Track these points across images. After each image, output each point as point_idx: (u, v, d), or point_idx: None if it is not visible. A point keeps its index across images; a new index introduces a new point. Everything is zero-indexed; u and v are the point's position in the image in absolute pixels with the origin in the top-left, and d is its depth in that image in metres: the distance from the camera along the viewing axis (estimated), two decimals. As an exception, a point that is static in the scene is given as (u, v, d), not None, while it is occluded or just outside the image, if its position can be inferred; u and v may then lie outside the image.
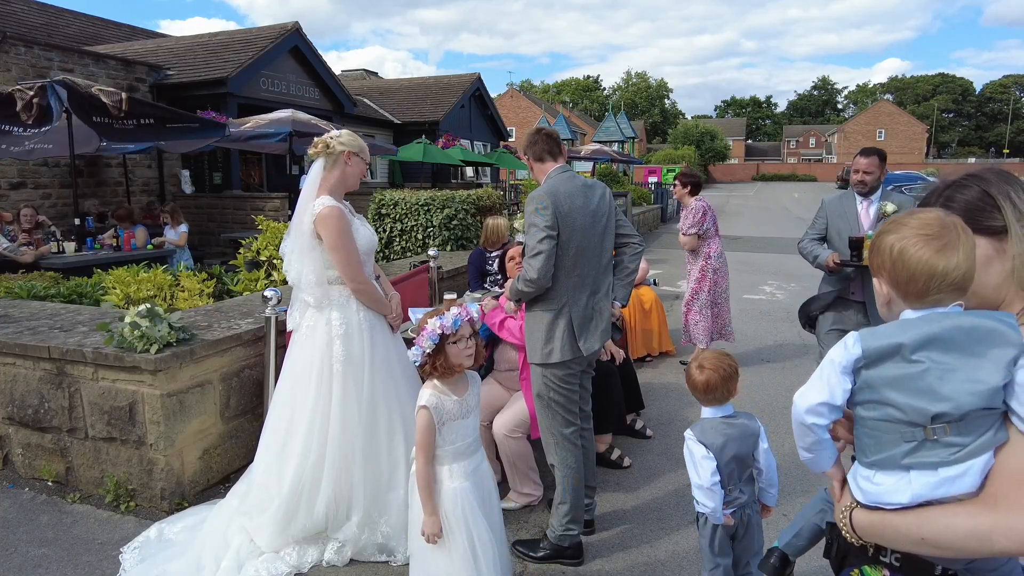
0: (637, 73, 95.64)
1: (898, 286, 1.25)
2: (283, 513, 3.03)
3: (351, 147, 3.11)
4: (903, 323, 1.23)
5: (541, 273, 2.85)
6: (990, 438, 1.15)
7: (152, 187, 12.94)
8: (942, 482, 1.17)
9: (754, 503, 2.39)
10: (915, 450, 1.19)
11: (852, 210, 4.26)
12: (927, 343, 1.17)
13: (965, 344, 1.15)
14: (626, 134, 25.94)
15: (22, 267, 6.93)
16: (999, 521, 1.10)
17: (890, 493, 1.22)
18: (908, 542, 1.22)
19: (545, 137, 3.09)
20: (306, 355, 3.10)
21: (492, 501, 2.52)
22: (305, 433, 3.05)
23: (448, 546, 2.32)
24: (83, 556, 3.11)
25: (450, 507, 2.33)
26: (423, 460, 2.32)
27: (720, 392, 2.30)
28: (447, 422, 2.35)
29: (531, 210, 2.91)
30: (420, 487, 2.32)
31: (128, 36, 17.79)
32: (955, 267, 1.18)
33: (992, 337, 1.14)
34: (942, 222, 1.22)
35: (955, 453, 1.16)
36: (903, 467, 1.21)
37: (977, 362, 1.14)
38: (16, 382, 3.77)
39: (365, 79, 29.47)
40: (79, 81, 7.94)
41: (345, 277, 3.05)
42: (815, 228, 4.42)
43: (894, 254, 1.23)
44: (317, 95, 16.31)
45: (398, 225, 7.38)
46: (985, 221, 1.28)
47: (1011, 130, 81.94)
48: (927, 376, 1.16)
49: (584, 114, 69.76)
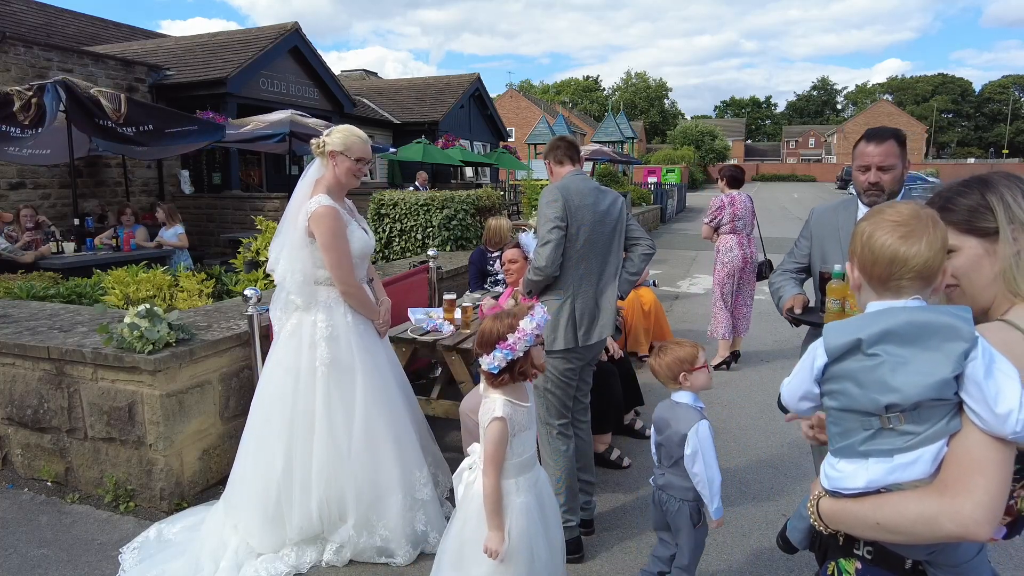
0: (637, 73, 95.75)
1: (864, 270, 1.31)
2: (270, 515, 3.01)
3: (334, 145, 3.05)
4: (863, 318, 1.29)
5: (549, 261, 2.99)
6: (943, 427, 1.20)
7: (151, 187, 12.94)
8: (895, 468, 1.23)
9: (684, 499, 2.50)
10: (872, 438, 1.25)
11: (850, 223, 2.71)
12: (882, 337, 1.23)
13: (919, 338, 1.21)
14: (625, 134, 25.89)
15: (21, 267, 6.93)
16: (945, 505, 1.15)
17: (848, 478, 1.29)
18: (865, 527, 1.27)
19: (567, 144, 3.28)
20: (290, 356, 3.06)
21: (554, 517, 2.39)
22: (288, 435, 3.02)
23: (506, 563, 2.17)
24: (82, 556, 3.11)
25: (515, 523, 2.19)
26: (495, 474, 2.17)
27: (663, 377, 2.58)
28: (517, 433, 2.22)
29: (544, 203, 3.08)
30: (490, 502, 2.16)
31: (127, 36, 17.78)
32: (915, 254, 1.24)
33: (944, 331, 1.19)
34: (914, 213, 1.28)
35: (909, 440, 1.22)
36: (861, 454, 1.27)
37: (929, 355, 1.19)
38: (15, 382, 3.77)
39: (365, 79, 29.48)
40: (79, 82, 7.95)
41: (335, 279, 3.04)
42: (794, 256, 2.97)
43: (864, 238, 1.31)
44: (316, 95, 16.32)
45: (397, 225, 7.38)
46: (978, 222, 1.31)
47: (1010, 130, 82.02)
48: (881, 368, 1.22)
49: (584, 114, 69.78)
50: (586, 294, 3.09)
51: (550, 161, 3.29)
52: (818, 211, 2.94)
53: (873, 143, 2.59)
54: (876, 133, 2.62)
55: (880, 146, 2.58)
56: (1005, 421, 1.12)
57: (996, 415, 1.13)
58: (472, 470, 2.31)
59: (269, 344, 3.67)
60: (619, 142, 25.21)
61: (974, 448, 1.17)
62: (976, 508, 1.13)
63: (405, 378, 3.47)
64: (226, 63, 13.62)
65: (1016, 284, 1.28)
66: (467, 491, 2.28)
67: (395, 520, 3.03)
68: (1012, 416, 1.12)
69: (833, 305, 2.39)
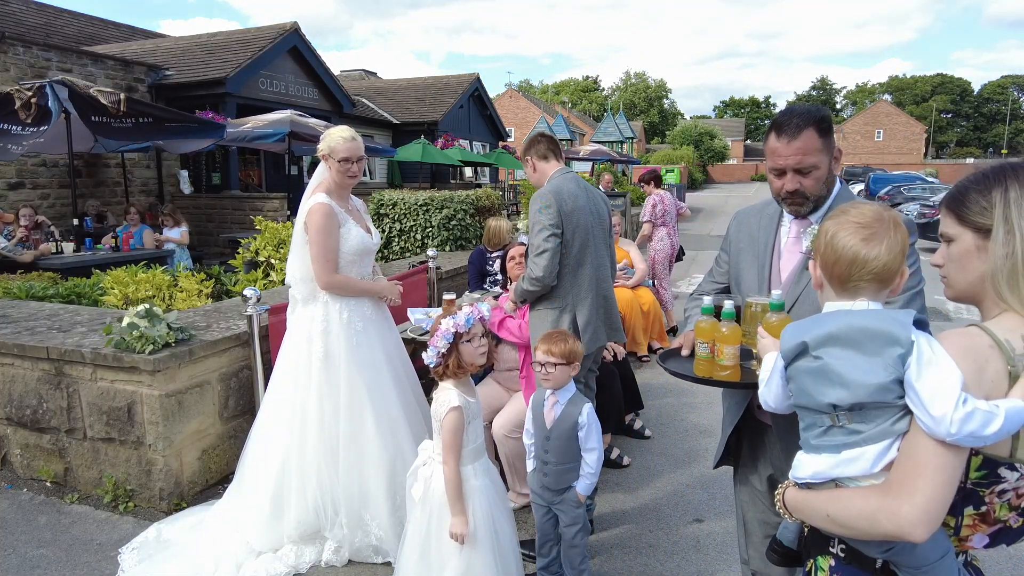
0: (636, 73, 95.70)
1: (826, 268, 1.36)
2: (268, 508, 3.04)
3: (322, 149, 3.17)
4: (812, 320, 1.35)
5: (547, 271, 2.92)
6: (886, 428, 1.24)
7: (151, 187, 12.93)
8: (839, 463, 1.29)
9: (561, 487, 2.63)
10: (824, 434, 1.32)
11: (770, 235, 2.04)
12: (826, 341, 1.29)
13: (859, 342, 1.25)
14: (625, 134, 25.90)
15: (20, 267, 6.92)
16: (885, 504, 1.19)
17: (800, 468, 1.37)
18: (818, 517, 1.34)
19: (548, 139, 3.25)
20: (291, 351, 3.16)
21: (505, 497, 2.59)
22: (287, 429, 3.08)
23: (473, 545, 2.32)
24: (81, 557, 3.11)
25: (477, 505, 2.36)
26: (455, 461, 2.33)
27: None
28: (471, 421, 2.39)
29: (535, 209, 2.98)
30: (451, 488, 2.31)
31: (127, 36, 17.76)
32: (875, 257, 1.29)
33: (882, 337, 1.23)
34: (877, 215, 1.33)
35: (854, 438, 1.27)
36: (814, 448, 1.34)
37: (868, 359, 1.23)
38: (15, 382, 3.76)
39: (364, 79, 29.45)
40: (78, 81, 7.94)
41: (314, 272, 3.08)
42: (713, 275, 2.28)
43: (828, 237, 1.35)
44: (316, 95, 16.31)
45: (397, 225, 7.38)
46: (974, 216, 1.28)
47: (1009, 131, 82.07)
48: (824, 370, 1.28)
49: (583, 115, 69.78)
50: (586, 300, 3.04)
51: (532, 157, 3.21)
52: (738, 216, 2.19)
53: (785, 138, 1.83)
54: (787, 123, 1.84)
55: (793, 142, 1.82)
56: (940, 423, 1.13)
57: (932, 417, 1.14)
58: (428, 465, 2.43)
59: (268, 344, 3.68)
60: (618, 142, 25.22)
61: (918, 451, 1.18)
62: (912, 510, 1.14)
63: (413, 374, 3.46)
64: (225, 63, 13.61)
65: (1000, 288, 1.24)
66: (427, 486, 2.39)
67: (388, 519, 3.03)
68: (946, 419, 1.12)
69: (701, 350, 1.85)
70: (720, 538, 3.25)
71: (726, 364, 1.80)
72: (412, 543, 2.41)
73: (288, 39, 14.89)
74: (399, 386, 3.26)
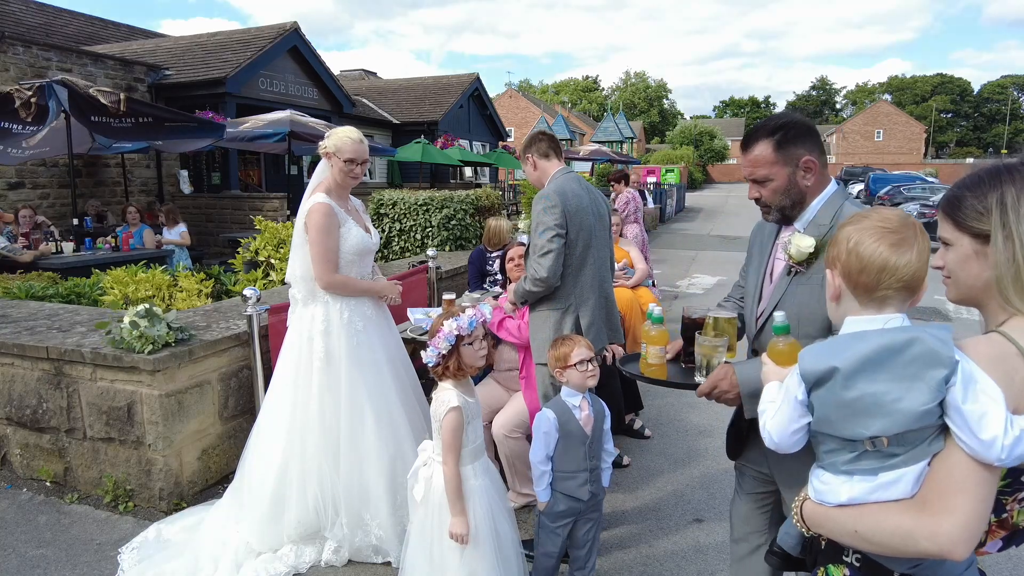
0: (636, 73, 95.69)
1: (849, 277, 1.27)
2: (268, 508, 3.03)
3: (327, 147, 3.15)
4: (837, 340, 1.26)
5: (551, 272, 2.90)
6: (924, 448, 1.19)
7: (150, 187, 12.93)
8: (878, 487, 1.22)
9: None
10: (856, 459, 1.24)
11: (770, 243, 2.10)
12: (860, 367, 1.19)
13: (897, 366, 1.18)
14: (625, 134, 25.90)
15: (20, 267, 6.92)
16: (921, 523, 1.14)
17: (831, 493, 1.29)
18: (844, 533, 1.27)
19: (549, 138, 3.23)
20: (291, 350, 3.15)
21: (505, 497, 2.59)
22: (287, 429, 3.08)
23: (475, 545, 2.32)
24: (81, 556, 3.11)
25: (478, 505, 2.36)
26: (454, 461, 2.33)
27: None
28: (471, 421, 2.39)
29: (539, 209, 2.95)
30: (451, 488, 2.31)
31: (127, 36, 17.76)
32: (906, 264, 1.22)
33: (923, 358, 1.16)
34: (903, 219, 1.26)
35: (892, 461, 1.21)
36: (846, 472, 1.26)
37: (909, 384, 1.16)
38: (14, 382, 3.76)
39: (364, 79, 29.45)
40: (78, 81, 7.94)
41: (313, 272, 3.08)
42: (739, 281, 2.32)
43: (850, 244, 1.27)
44: (316, 95, 16.31)
45: (397, 225, 7.38)
46: (970, 221, 1.25)
47: (1009, 131, 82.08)
48: (861, 403, 1.20)
49: (583, 115, 69.78)
50: (589, 301, 3.03)
51: (533, 155, 3.18)
52: (756, 225, 2.20)
53: (744, 148, 1.91)
54: (748, 133, 1.92)
55: (748, 153, 1.89)
56: (990, 448, 1.10)
57: (981, 441, 1.11)
58: (428, 466, 2.42)
59: (268, 344, 3.68)
60: (618, 142, 25.22)
61: (956, 468, 1.15)
62: (954, 528, 1.11)
63: (413, 374, 3.46)
64: (225, 63, 13.61)
65: (1007, 294, 1.21)
66: (428, 486, 2.39)
67: (388, 519, 3.03)
68: (997, 443, 1.09)
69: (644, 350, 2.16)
70: (720, 538, 3.25)
71: (651, 363, 2.12)
72: (416, 545, 2.40)
73: (288, 39, 14.89)
74: (399, 386, 3.26)
